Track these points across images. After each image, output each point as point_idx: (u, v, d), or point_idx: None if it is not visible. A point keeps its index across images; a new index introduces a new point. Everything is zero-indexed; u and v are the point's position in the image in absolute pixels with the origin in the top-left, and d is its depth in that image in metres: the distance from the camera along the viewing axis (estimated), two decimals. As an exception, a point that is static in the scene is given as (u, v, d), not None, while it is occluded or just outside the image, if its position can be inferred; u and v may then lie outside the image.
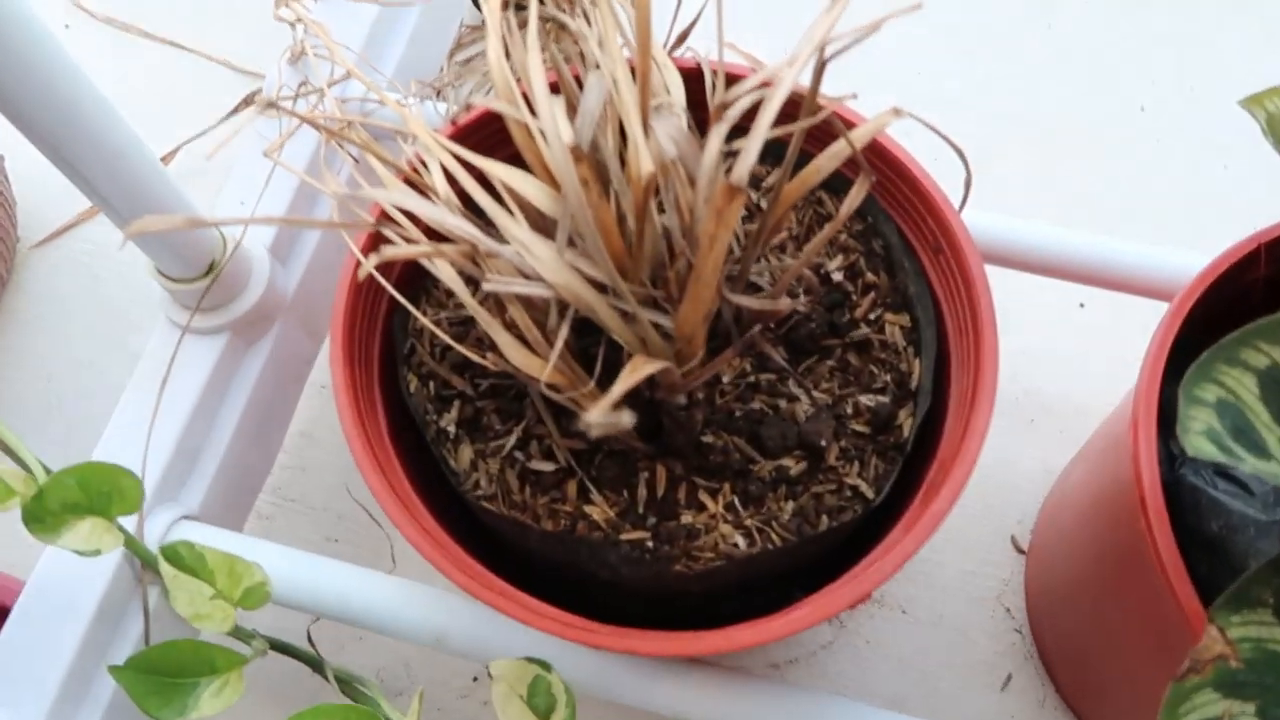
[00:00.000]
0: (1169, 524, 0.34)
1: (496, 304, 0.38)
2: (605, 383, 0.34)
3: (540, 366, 0.33)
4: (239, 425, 0.47)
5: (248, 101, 0.47)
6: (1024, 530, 0.57)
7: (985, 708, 0.53)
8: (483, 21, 0.33)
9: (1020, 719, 0.53)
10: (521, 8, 0.34)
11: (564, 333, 0.32)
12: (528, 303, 0.35)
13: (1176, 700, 0.28)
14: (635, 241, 0.30)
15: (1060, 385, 0.60)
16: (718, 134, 0.25)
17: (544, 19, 0.36)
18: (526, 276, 0.32)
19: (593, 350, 0.36)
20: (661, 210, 0.33)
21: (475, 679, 0.55)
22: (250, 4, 0.66)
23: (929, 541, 0.57)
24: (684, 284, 0.31)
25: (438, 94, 0.56)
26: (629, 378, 0.29)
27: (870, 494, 0.39)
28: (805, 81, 0.32)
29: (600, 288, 0.32)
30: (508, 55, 0.33)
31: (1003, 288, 0.62)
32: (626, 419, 0.28)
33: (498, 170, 0.33)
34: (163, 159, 0.57)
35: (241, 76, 0.69)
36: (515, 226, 0.32)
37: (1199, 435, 0.27)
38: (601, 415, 0.26)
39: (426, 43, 0.57)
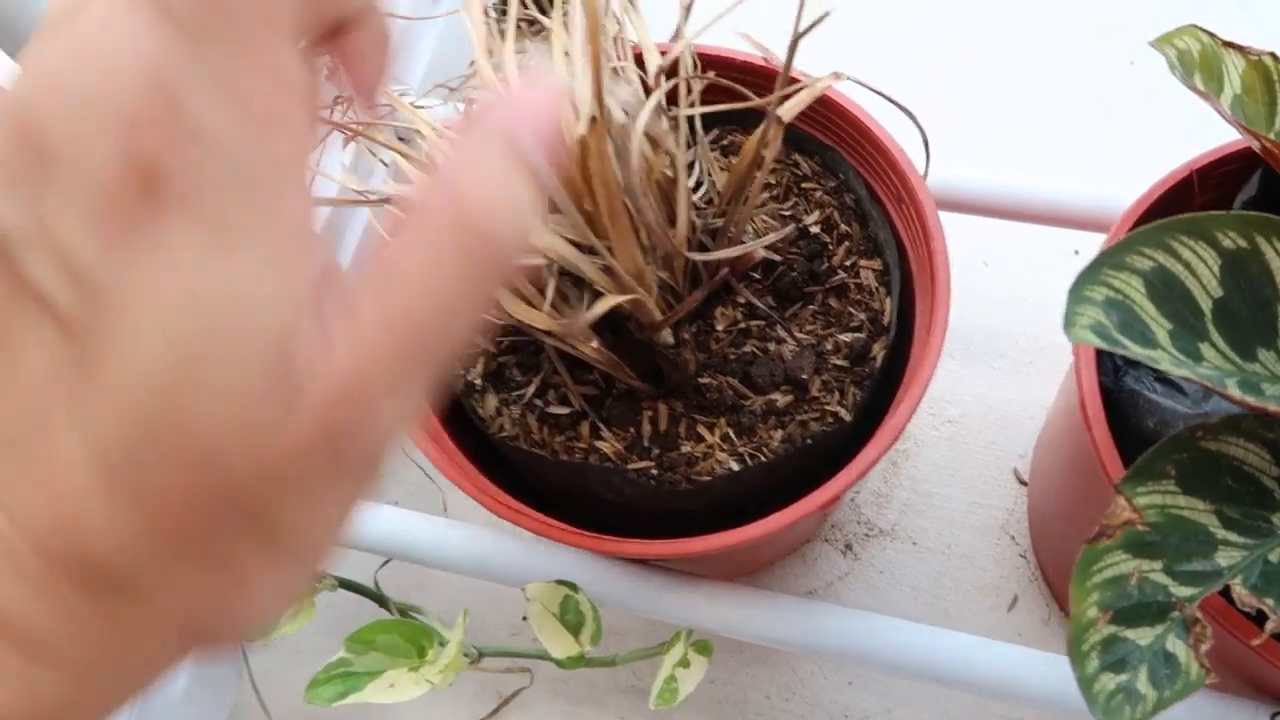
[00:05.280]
0: (1105, 418, 0.38)
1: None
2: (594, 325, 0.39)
3: (536, 315, 0.38)
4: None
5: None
6: (1025, 464, 0.60)
7: (994, 627, 0.57)
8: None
9: (1027, 636, 0.57)
10: (505, 12, 0.39)
11: (552, 285, 0.38)
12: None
13: (1089, 560, 0.32)
14: (598, 200, 0.35)
15: (1056, 328, 0.63)
16: (654, 96, 0.30)
17: (526, 20, 0.42)
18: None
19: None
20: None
21: (524, 618, 0.60)
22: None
23: (937, 478, 0.62)
24: (649, 233, 0.36)
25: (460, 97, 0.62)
26: (599, 307, 0.34)
27: (847, 417, 0.44)
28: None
29: (582, 247, 0.38)
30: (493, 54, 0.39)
31: (1002, 241, 0.66)
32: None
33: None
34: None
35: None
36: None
37: (1084, 329, 0.31)
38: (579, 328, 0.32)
39: (450, 52, 0.64)
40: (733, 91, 0.42)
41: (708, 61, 0.48)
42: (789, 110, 0.38)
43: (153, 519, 0.16)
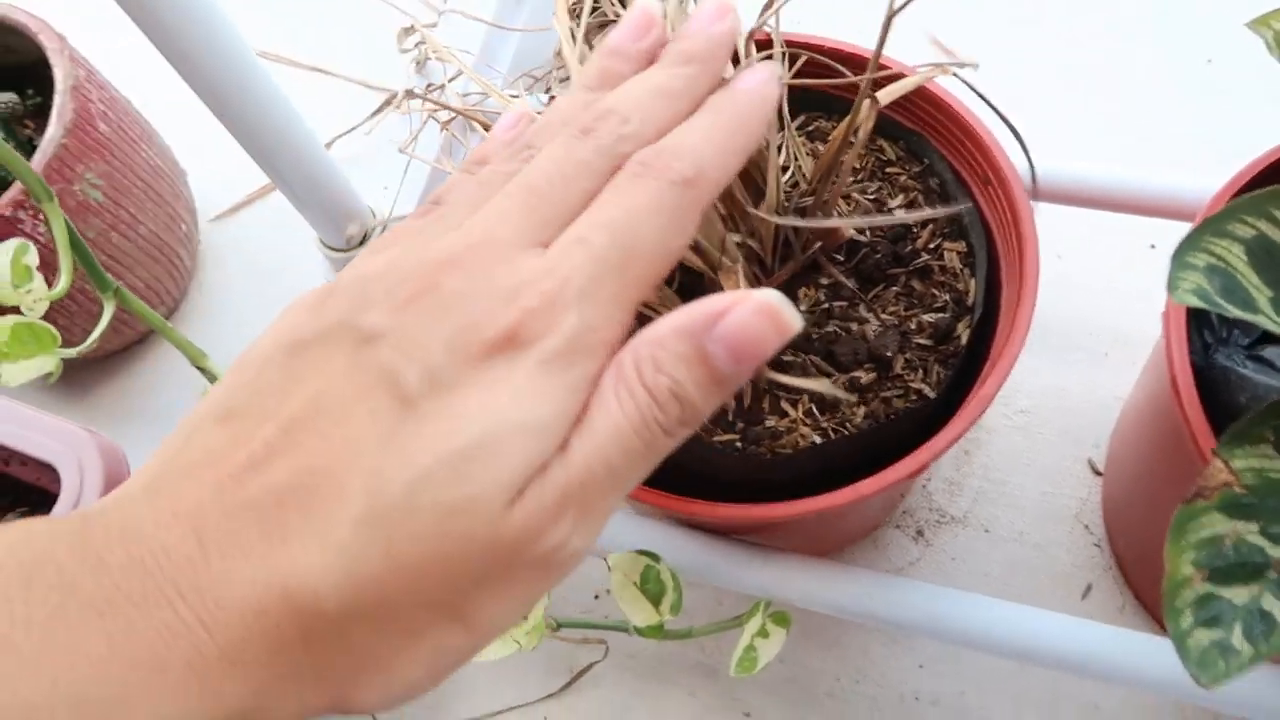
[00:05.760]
0: (1196, 393, 0.38)
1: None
2: (683, 296, 0.41)
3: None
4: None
5: (389, 101, 0.55)
6: (1100, 454, 0.61)
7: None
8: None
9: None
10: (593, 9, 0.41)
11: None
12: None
13: (1184, 519, 0.32)
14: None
15: (1132, 320, 0.64)
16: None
17: (614, 19, 0.44)
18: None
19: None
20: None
21: (596, 596, 0.62)
22: (381, 37, 0.76)
23: (1009, 467, 0.62)
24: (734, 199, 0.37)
25: (546, 88, 0.64)
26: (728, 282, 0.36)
27: (931, 394, 0.44)
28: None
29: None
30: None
31: (1076, 233, 0.66)
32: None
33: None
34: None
35: (377, 93, 0.79)
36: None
37: (1187, 292, 0.32)
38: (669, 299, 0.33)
39: (536, 42, 0.66)
40: (825, 74, 0.43)
41: (795, 46, 0.49)
42: (887, 95, 0.39)
43: (391, 567, 0.18)
